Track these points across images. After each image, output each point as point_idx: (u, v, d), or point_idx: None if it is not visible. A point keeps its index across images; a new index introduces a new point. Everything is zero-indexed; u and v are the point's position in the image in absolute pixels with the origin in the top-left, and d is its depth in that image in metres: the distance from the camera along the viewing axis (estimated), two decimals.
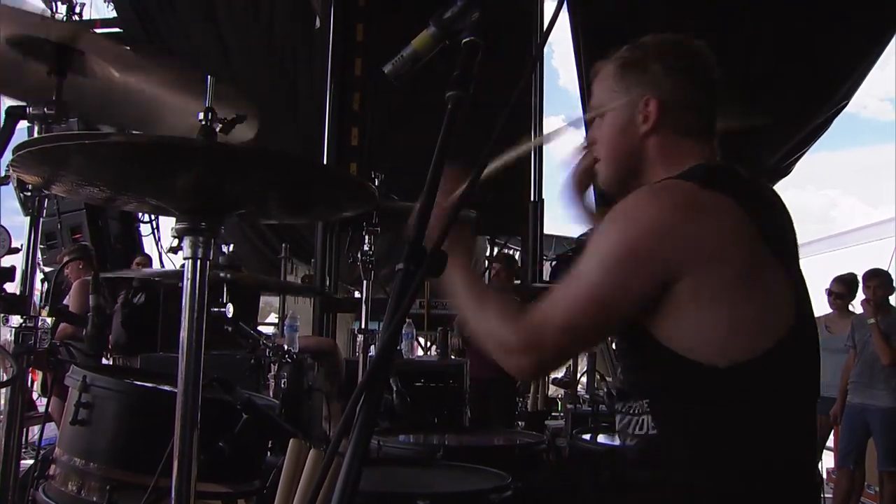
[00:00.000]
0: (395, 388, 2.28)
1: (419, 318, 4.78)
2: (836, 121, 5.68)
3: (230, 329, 2.27)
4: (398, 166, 3.82)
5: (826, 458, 5.03)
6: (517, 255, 6.20)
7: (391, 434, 2.19)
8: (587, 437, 2.33)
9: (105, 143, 1.10)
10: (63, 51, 1.55)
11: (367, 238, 2.48)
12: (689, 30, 1.44)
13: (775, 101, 5.46)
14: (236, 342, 2.51)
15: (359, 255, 2.48)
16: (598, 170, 1.43)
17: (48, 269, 5.64)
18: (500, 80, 2.38)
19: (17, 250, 1.79)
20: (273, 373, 2.41)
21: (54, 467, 1.63)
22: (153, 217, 6.41)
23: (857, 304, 4.72)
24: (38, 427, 3.18)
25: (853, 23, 5.41)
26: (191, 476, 1.18)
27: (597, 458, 2.24)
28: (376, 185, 2.44)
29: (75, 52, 1.55)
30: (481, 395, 4.06)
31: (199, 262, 1.21)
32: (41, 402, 3.89)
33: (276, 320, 6.48)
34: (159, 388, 1.76)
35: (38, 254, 1.86)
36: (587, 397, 2.61)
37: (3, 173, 1.64)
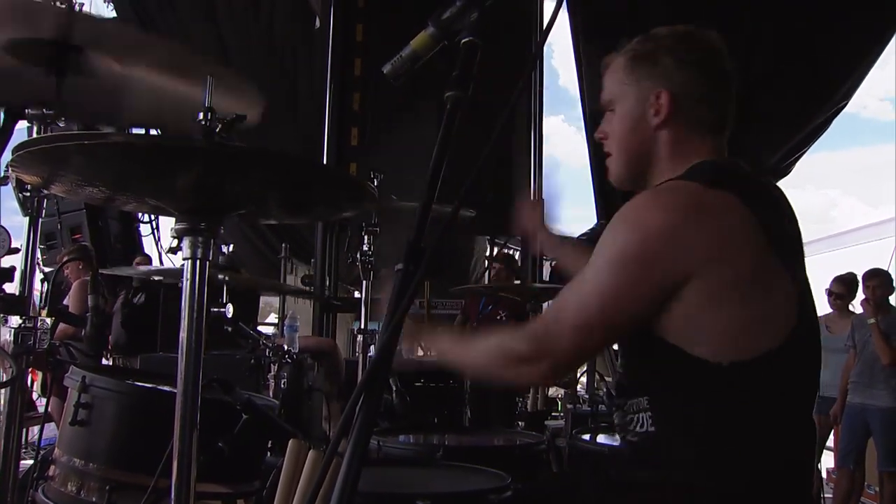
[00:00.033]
0: (394, 388, 2.28)
1: (419, 319, 4.77)
2: (835, 121, 5.68)
3: (230, 329, 2.27)
4: (398, 166, 3.81)
5: (826, 458, 5.03)
6: (517, 255, 6.20)
7: (391, 434, 2.19)
8: (587, 437, 2.33)
9: (105, 143, 1.09)
10: (62, 50, 1.53)
11: (366, 238, 2.48)
12: None
13: (775, 101, 5.45)
14: (236, 342, 2.50)
15: (358, 256, 2.48)
16: (608, 165, 1.42)
17: (48, 269, 5.63)
18: (499, 80, 2.38)
19: (16, 250, 1.79)
20: (273, 373, 2.41)
21: (54, 468, 1.63)
22: (153, 217, 6.40)
23: (857, 304, 4.72)
24: (37, 427, 3.17)
25: (853, 23, 5.40)
26: (190, 476, 1.18)
27: (597, 458, 2.24)
28: (376, 185, 2.44)
29: (74, 48, 1.53)
30: (481, 395, 4.05)
31: (198, 262, 1.21)
32: (41, 403, 3.88)
33: (275, 320, 6.47)
34: (159, 388, 1.76)
35: (38, 254, 1.85)
36: (587, 397, 2.61)
37: (2, 173, 1.64)
